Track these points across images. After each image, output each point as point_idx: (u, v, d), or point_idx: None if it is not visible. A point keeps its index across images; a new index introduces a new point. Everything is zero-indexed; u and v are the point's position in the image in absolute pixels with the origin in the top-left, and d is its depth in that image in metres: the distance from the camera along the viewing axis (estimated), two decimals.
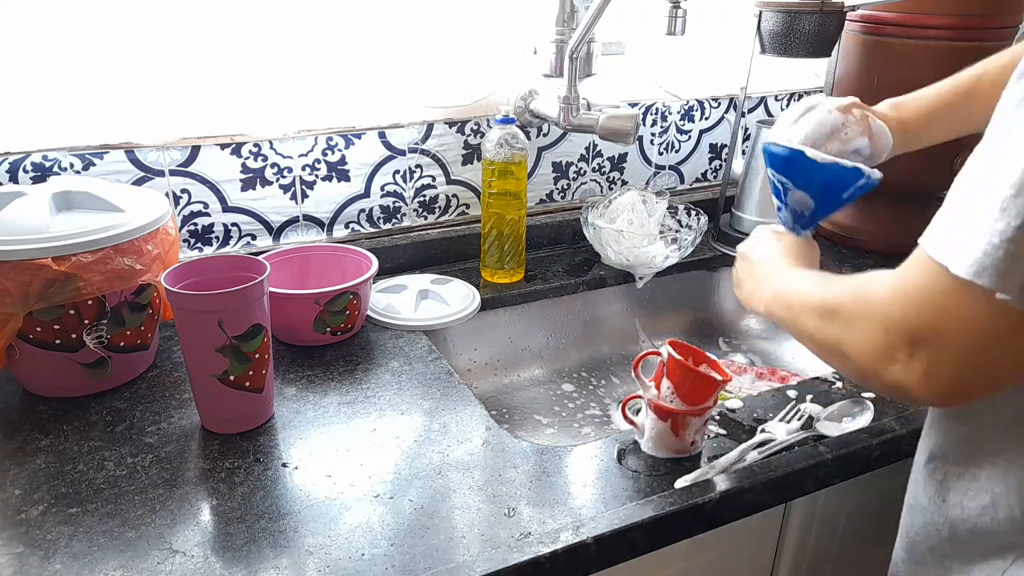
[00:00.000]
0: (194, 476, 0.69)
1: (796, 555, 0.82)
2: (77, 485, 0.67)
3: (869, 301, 0.49)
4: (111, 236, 0.75)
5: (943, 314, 0.44)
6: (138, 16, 0.91)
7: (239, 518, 0.63)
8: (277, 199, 1.06)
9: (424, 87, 1.10)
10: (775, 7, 1.08)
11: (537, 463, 0.71)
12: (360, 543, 0.61)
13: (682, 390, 0.70)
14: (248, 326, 0.71)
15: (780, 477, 0.71)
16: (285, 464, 0.71)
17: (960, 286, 0.43)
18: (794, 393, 0.84)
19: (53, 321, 0.75)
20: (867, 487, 0.81)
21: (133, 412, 0.78)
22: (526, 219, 1.09)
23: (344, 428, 0.76)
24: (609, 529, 0.63)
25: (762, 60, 1.15)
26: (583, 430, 1.00)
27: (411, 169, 1.13)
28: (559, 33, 1.07)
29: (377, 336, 0.95)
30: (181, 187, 1.00)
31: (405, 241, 1.13)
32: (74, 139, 0.93)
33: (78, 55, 0.90)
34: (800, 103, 0.76)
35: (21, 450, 0.72)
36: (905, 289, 0.46)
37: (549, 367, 1.12)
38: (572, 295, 1.13)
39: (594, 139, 1.26)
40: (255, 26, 0.98)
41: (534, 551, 0.60)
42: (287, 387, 0.83)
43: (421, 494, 0.67)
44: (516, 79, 1.15)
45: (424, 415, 0.79)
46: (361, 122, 1.08)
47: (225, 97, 0.99)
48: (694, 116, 1.33)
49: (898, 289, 0.47)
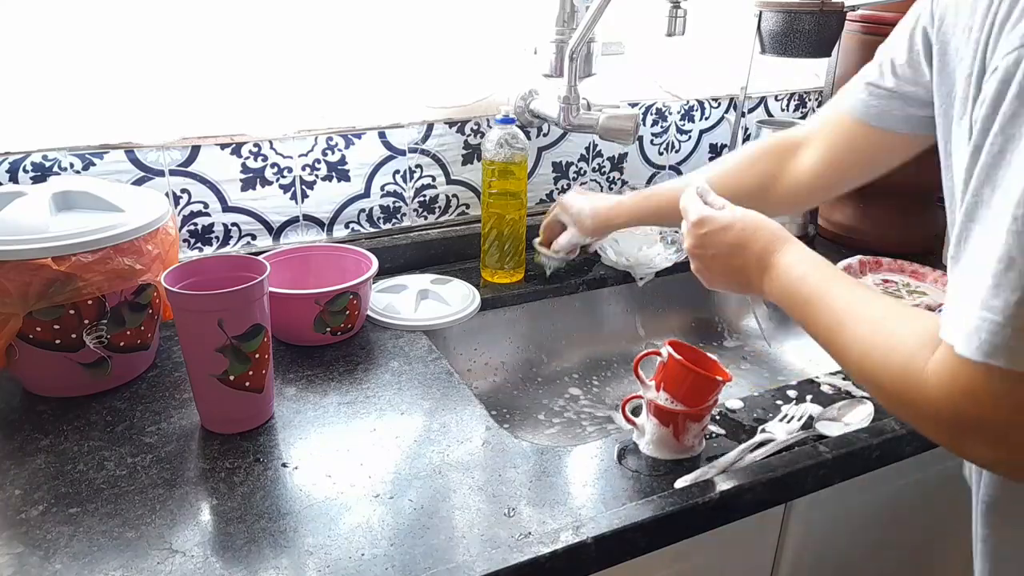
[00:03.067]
0: (194, 476, 0.69)
1: (796, 555, 0.82)
2: (77, 485, 0.67)
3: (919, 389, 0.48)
4: (111, 236, 0.75)
5: (977, 403, 0.44)
6: (138, 16, 0.91)
7: (239, 518, 0.63)
8: (277, 199, 1.06)
9: (424, 87, 1.10)
10: (775, 7, 1.08)
11: (537, 463, 0.71)
12: (360, 543, 0.61)
13: (682, 391, 0.70)
14: (248, 326, 0.71)
15: (780, 477, 0.71)
16: (285, 464, 0.71)
17: (982, 370, 0.43)
18: (794, 393, 0.84)
19: (53, 321, 0.75)
20: (867, 487, 0.81)
21: (133, 412, 0.78)
22: (526, 219, 1.09)
23: (344, 428, 0.76)
24: (609, 529, 0.63)
25: (762, 60, 1.15)
26: (583, 430, 1.00)
27: (411, 169, 1.13)
28: (559, 33, 1.07)
29: (377, 336, 0.95)
30: (181, 187, 1.00)
31: (405, 241, 1.13)
32: (74, 139, 0.93)
33: (78, 55, 0.90)
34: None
35: (21, 450, 0.72)
36: (939, 384, 0.46)
37: (549, 367, 1.12)
38: (572, 295, 1.13)
39: (594, 139, 1.26)
40: (255, 26, 0.98)
41: (534, 551, 0.60)
42: (287, 387, 0.83)
43: (421, 494, 0.67)
44: (516, 79, 1.15)
45: (424, 415, 0.79)
46: (361, 122, 1.08)
47: (225, 97, 0.99)
48: (694, 116, 1.33)
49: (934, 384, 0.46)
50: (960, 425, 0.46)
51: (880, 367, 0.52)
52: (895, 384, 0.50)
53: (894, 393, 0.51)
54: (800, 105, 1.44)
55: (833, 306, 0.58)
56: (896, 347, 0.51)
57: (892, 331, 0.52)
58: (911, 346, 0.50)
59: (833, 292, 0.59)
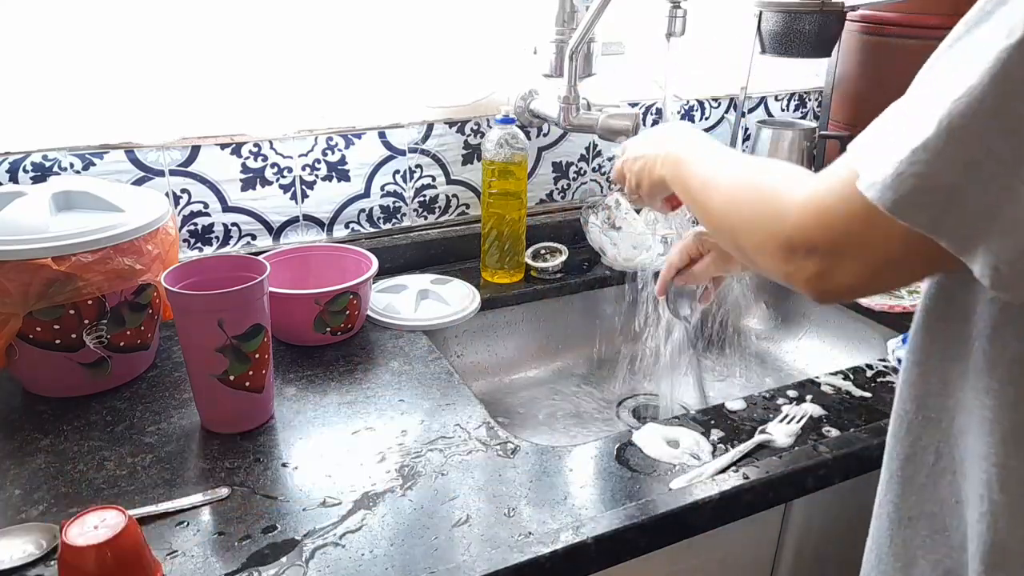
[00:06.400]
0: (194, 476, 0.69)
1: (796, 555, 0.82)
2: (77, 485, 0.67)
3: (783, 203, 0.48)
4: (111, 236, 0.75)
5: (845, 235, 0.44)
6: (138, 16, 0.91)
7: (239, 518, 0.63)
8: (277, 199, 1.06)
9: (424, 87, 1.10)
10: (775, 7, 1.08)
11: (537, 463, 0.71)
12: (360, 543, 0.61)
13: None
14: (248, 326, 0.71)
15: (780, 477, 0.71)
16: (285, 464, 0.71)
17: (868, 209, 0.41)
18: (794, 393, 0.84)
19: (53, 321, 0.75)
20: (867, 487, 0.80)
21: (133, 412, 0.78)
22: (526, 219, 1.09)
23: (344, 428, 0.76)
24: (609, 529, 0.63)
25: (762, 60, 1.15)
26: (583, 430, 1.00)
27: (411, 169, 1.13)
28: (559, 33, 1.07)
29: (377, 336, 0.95)
30: (181, 187, 1.00)
31: (405, 241, 1.13)
32: (74, 139, 0.93)
33: (78, 55, 0.90)
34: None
35: (21, 450, 0.72)
36: (818, 204, 0.46)
37: (549, 367, 1.12)
38: (572, 295, 1.13)
39: (594, 139, 1.26)
40: (255, 26, 0.98)
41: (534, 551, 0.60)
42: (287, 387, 0.83)
43: (421, 494, 0.67)
44: (516, 79, 1.15)
45: (424, 415, 0.79)
46: (361, 122, 1.08)
47: (225, 97, 0.99)
48: (694, 116, 1.33)
49: (812, 201, 0.46)
50: (810, 243, 0.46)
51: (748, 191, 0.53)
52: (760, 202, 0.51)
53: (754, 215, 0.51)
54: (800, 105, 1.43)
55: (713, 159, 0.61)
56: (768, 175, 0.52)
57: (766, 167, 0.54)
58: (781, 171, 0.52)
59: (720, 152, 0.62)
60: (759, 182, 0.52)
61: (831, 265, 0.45)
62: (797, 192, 0.47)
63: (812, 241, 0.46)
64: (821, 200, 0.45)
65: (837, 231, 0.44)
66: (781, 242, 0.48)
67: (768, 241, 0.49)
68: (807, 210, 0.46)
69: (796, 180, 0.49)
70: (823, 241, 0.45)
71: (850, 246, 0.44)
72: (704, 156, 0.63)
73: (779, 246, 0.48)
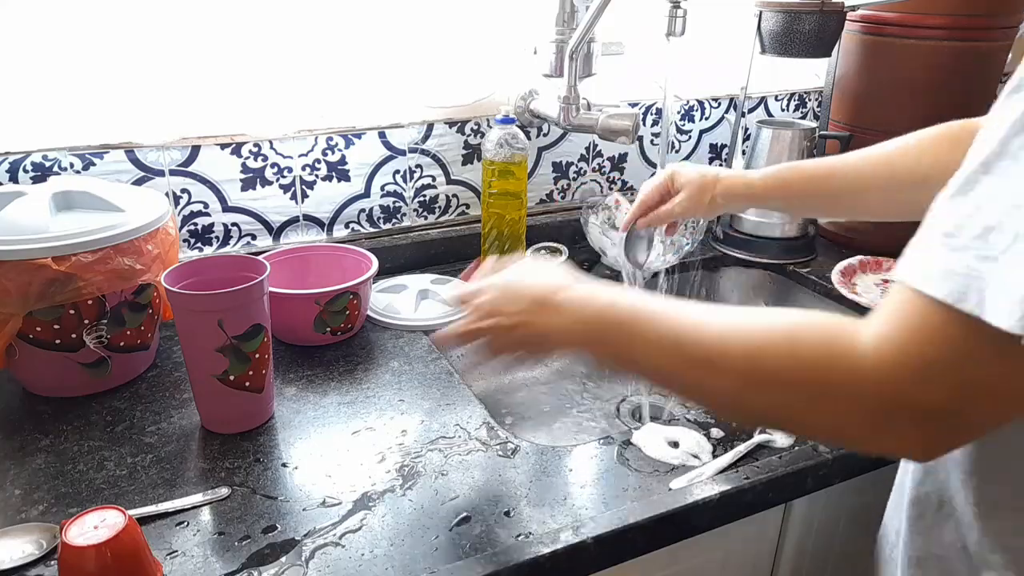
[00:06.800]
0: (194, 476, 0.69)
1: (796, 555, 0.82)
2: (77, 485, 0.67)
3: (850, 368, 0.41)
4: (111, 236, 0.75)
5: (972, 385, 0.38)
6: (138, 16, 0.91)
7: (239, 518, 0.63)
8: (277, 199, 1.06)
9: (424, 87, 1.10)
10: (775, 7, 1.08)
11: (537, 463, 0.71)
12: (360, 543, 0.61)
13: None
14: (248, 326, 0.71)
15: (780, 477, 0.71)
16: (285, 464, 0.71)
17: (1002, 348, 0.35)
18: None
19: (53, 321, 0.75)
20: (867, 487, 0.80)
21: (133, 412, 0.78)
22: (526, 219, 1.09)
23: (344, 428, 0.76)
24: (609, 529, 0.63)
25: (762, 60, 1.15)
26: (583, 430, 1.00)
27: (411, 169, 1.13)
28: (559, 33, 1.07)
29: (377, 336, 0.95)
30: (181, 187, 1.00)
31: (405, 241, 1.13)
32: (74, 139, 0.93)
33: (78, 55, 0.90)
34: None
35: (21, 450, 0.72)
36: (905, 350, 0.39)
37: (549, 367, 1.12)
38: None
39: (594, 139, 1.26)
40: (255, 26, 0.98)
41: (534, 551, 0.60)
42: (287, 387, 0.83)
43: (421, 494, 0.67)
44: (516, 79, 1.15)
45: (424, 415, 0.79)
46: (361, 122, 1.08)
47: (225, 97, 0.99)
48: (694, 116, 1.33)
49: (901, 356, 0.39)
50: (923, 406, 0.39)
51: (782, 360, 0.44)
52: (812, 372, 0.42)
53: (810, 382, 0.43)
54: (800, 105, 1.44)
55: (681, 321, 0.49)
56: (807, 335, 0.43)
57: (791, 324, 0.45)
58: (828, 329, 0.43)
59: (671, 310, 0.50)
60: (790, 351, 0.43)
61: (954, 426, 0.39)
62: (861, 348, 0.40)
63: (921, 403, 0.39)
64: (906, 345, 0.39)
65: (960, 382, 0.38)
66: (871, 412, 0.40)
67: (852, 416, 0.41)
68: (899, 370, 0.39)
69: (841, 333, 0.42)
70: (943, 400, 0.38)
71: (982, 395, 0.38)
72: (658, 326, 0.50)
73: (872, 417, 0.40)
